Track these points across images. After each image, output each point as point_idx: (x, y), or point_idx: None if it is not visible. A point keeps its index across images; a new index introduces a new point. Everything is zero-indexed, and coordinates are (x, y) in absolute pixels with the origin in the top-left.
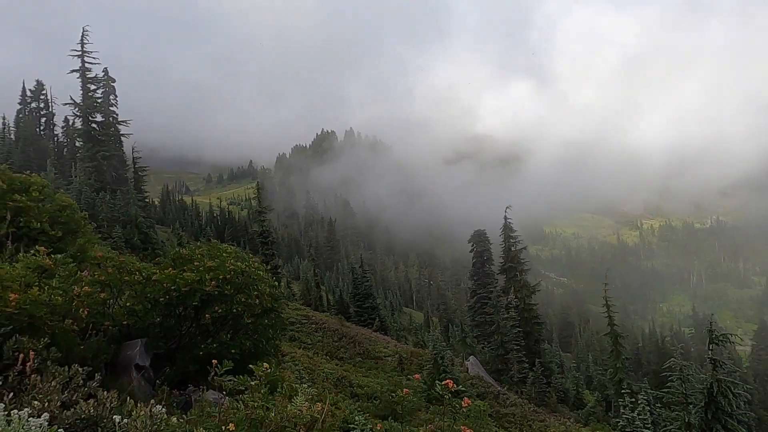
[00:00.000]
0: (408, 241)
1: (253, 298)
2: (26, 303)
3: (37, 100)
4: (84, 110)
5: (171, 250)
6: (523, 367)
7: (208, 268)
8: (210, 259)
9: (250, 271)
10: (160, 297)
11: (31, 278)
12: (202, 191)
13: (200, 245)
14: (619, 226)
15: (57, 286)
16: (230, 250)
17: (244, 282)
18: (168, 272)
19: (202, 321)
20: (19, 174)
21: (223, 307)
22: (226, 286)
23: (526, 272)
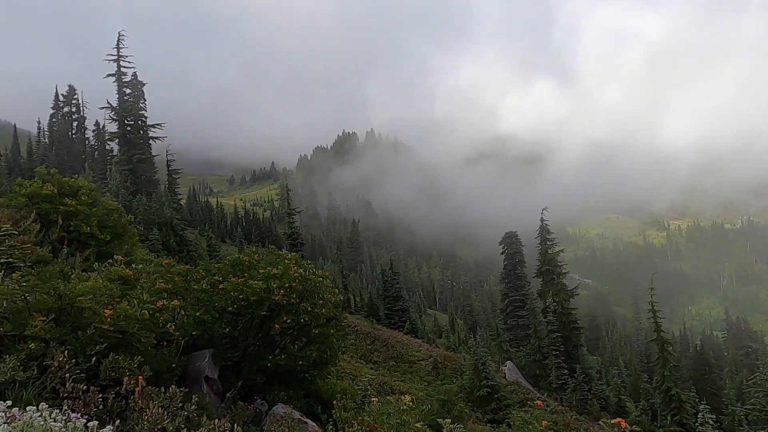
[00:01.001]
0: (430, 241)
1: (318, 307)
2: (120, 319)
3: (70, 104)
4: (120, 114)
5: (203, 251)
6: (562, 373)
7: (273, 276)
8: (271, 265)
9: (312, 278)
10: (228, 306)
11: (116, 291)
12: (225, 192)
13: (254, 251)
14: (646, 227)
15: (145, 300)
16: (290, 256)
17: (309, 290)
18: (234, 280)
19: (271, 331)
20: (67, 178)
21: (292, 317)
22: (292, 294)
23: (563, 275)
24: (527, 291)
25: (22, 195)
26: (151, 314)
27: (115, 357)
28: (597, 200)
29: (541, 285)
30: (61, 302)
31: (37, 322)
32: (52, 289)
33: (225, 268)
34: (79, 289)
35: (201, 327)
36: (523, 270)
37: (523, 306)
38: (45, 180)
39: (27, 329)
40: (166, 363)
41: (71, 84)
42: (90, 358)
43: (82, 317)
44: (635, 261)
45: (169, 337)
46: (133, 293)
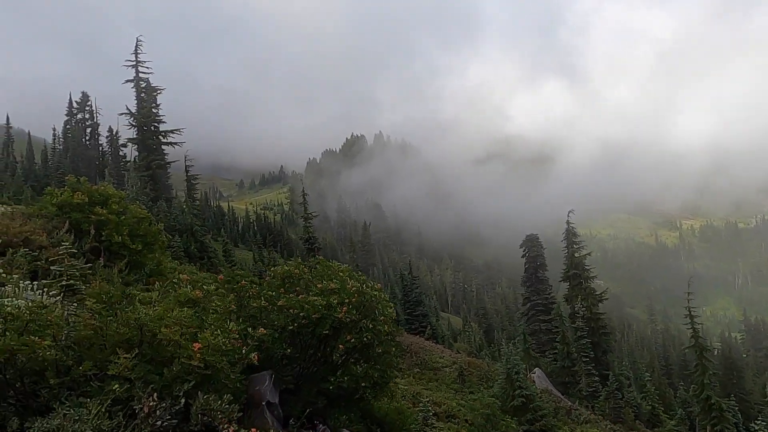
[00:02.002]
0: (439, 243)
1: (380, 323)
2: (209, 353)
3: (83, 111)
4: (139, 120)
5: (220, 256)
6: (593, 381)
7: (331, 291)
8: (323, 278)
9: (369, 292)
10: (288, 325)
11: (193, 317)
12: (235, 197)
13: (301, 262)
14: (657, 227)
15: (231, 328)
16: (343, 268)
17: (367, 305)
18: (292, 297)
19: (334, 352)
20: (96, 186)
21: (355, 335)
22: (353, 311)
23: (591, 279)
24: (550, 295)
25: (52, 204)
26: (232, 342)
27: (206, 398)
28: (607, 200)
29: (568, 289)
30: (141, 334)
31: (121, 360)
32: (133, 319)
33: (274, 281)
34: (158, 317)
35: (259, 348)
36: (544, 273)
37: (546, 310)
38: (75, 189)
39: (110, 368)
40: (232, 390)
41: (84, 90)
42: (178, 400)
43: (164, 351)
44: (647, 261)
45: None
46: (209, 318)
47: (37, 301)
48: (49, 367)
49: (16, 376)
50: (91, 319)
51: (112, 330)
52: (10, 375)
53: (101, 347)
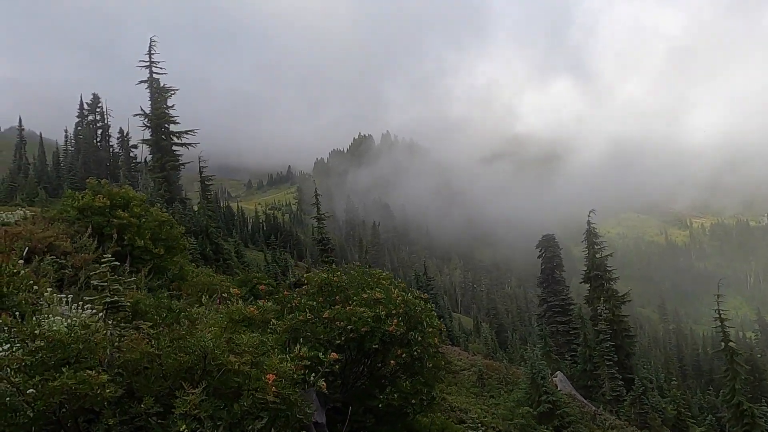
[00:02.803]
0: (447, 242)
1: (428, 336)
2: (283, 385)
3: (94, 112)
4: (153, 121)
5: (234, 258)
6: (617, 384)
7: (377, 301)
8: (362, 286)
9: (415, 302)
10: (335, 339)
11: (261, 343)
12: (243, 197)
13: (336, 268)
14: (667, 226)
15: (303, 354)
16: (384, 275)
17: (414, 316)
18: (338, 309)
19: (385, 368)
20: (117, 188)
21: (405, 349)
22: (401, 324)
23: (614, 280)
24: (567, 296)
25: (74, 208)
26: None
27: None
28: (617, 199)
29: (589, 291)
30: (205, 362)
31: (190, 397)
32: (196, 346)
33: (312, 290)
34: (223, 342)
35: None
36: (561, 274)
37: (563, 311)
38: (96, 191)
39: (176, 405)
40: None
41: (95, 92)
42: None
43: (231, 382)
44: (658, 260)
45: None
46: (270, 339)
47: (81, 322)
48: (107, 406)
49: (69, 416)
50: (144, 343)
51: (171, 357)
52: (62, 415)
53: (159, 377)
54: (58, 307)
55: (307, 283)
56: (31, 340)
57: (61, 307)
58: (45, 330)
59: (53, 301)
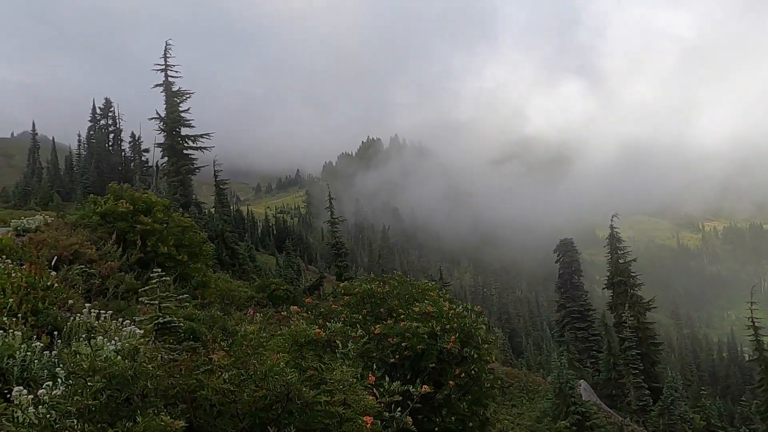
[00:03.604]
0: (456, 245)
1: (484, 353)
2: (378, 426)
3: (106, 116)
4: (168, 124)
5: (250, 263)
6: (643, 394)
7: (428, 315)
8: (404, 299)
9: (468, 316)
10: (389, 357)
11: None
12: (252, 201)
13: (376, 277)
14: (679, 229)
15: (387, 387)
16: (430, 285)
17: (467, 331)
18: (390, 324)
19: (444, 389)
20: (139, 193)
21: (463, 368)
22: (457, 340)
23: (638, 287)
24: (586, 301)
25: (96, 213)
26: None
27: None
28: (627, 202)
29: (612, 297)
30: (287, 400)
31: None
32: (278, 381)
33: (354, 300)
34: (307, 377)
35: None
36: (580, 279)
37: (582, 318)
38: (118, 196)
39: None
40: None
41: (107, 97)
42: None
43: (317, 422)
44: (669, 264)
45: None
46: (343, 367)
47: (131, 346)
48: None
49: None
50: (215, 377)
51: (247, 393)
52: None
53: (234, 417)
54: (92, 320)
55: (343, 293)
56: (88, 375)
57: (107, 327)
58: (101, 362)
59: (89, 315)
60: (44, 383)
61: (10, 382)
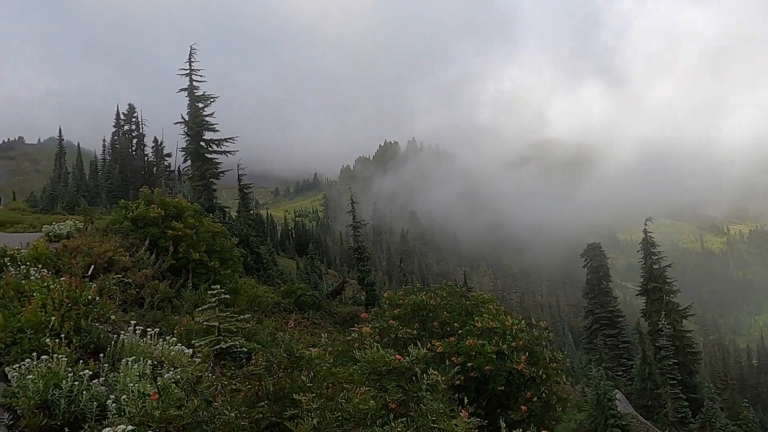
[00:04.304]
0: (474, 249)
1: (554, 373)
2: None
3: (130, 122)
4: (193, 128)
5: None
6: (681, 405)
7: (491, 331)
8: (457, 311)
9: (532, 332)
10: (455, 380)
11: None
12: (270, 204)
13: (418, 287)
14: (703, 232)
15: None
16: (486, 297)
17: (534, 349)
18: (452, 341)
19: (514, 415)
20: (169, 198)
21: (534, 391)
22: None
23: (674, 293)
24: (615, 307)
25: (127, 218)
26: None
27: None
28: (649, 204)
29: (646, 304)
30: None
31: None
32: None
33: (404, 312)
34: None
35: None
36: (608, 284)
37: (611, 324)
38: (149, 201)
39: None
40: None
41: (131, 103)
42: None
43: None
44: (693, 269)
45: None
46: (433, 403)
47: (191, 374)
48: None
49: None
50: (306, 425)
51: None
52: None
53: None
54: (137, 338)
55: (388, 303)
56: (153, 421)
57: (154, 346)
58: (174, 411)
59: (134, 332)
60: (94, 417)
61: (56, 417)
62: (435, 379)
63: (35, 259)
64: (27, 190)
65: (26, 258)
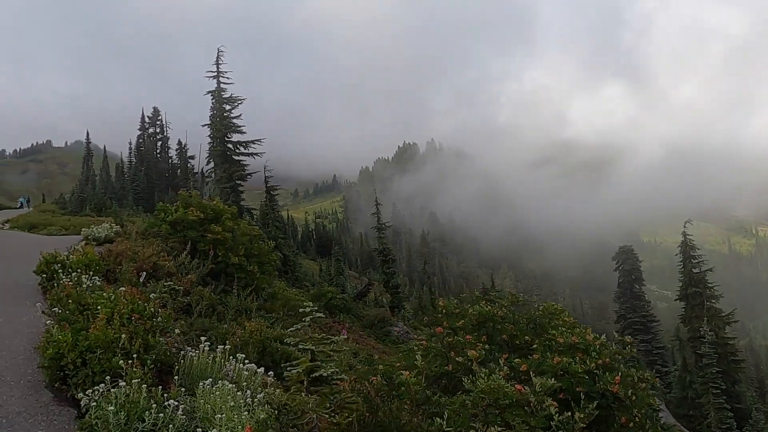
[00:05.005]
0: (494, 250)
1: (643, 394)
2: None
3: (154, 125)
4: (221, 130)
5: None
6: (726, 416)
7: (573, 347)
8: (524, 324)
9: (606, 343)
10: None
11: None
12: (290, 206)
13: (478, 295)
14: (730, 234)
15: None
16: (557, 307)
17: (617, 364)
18: (535, 360)
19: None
20: (206, 200)
21: (627, 415)
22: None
23: (716, 298)
24: (648, 312)
25: (166, 222)
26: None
27: None
28: (674, 206)
29: (685, 309)
30: None
31: None
32: None
33: (469, 324)
34: None
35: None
36: (641, 288)
37: (644, 329)
38: (187, 204)
39: None
40: None
41: (155, 106)
42: None
43: None
44: (720, 271)
45: None
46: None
47: (286, 402)
48: None
49: None
50: None
51: None
52: None
53: None
54: (206, 356)
55: (444, 314)
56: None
57: (227, 368)
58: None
59: (203, 349)
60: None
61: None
62: (567, 415)
63: (85, 266)
64: (55, 192)
65: (76, 264)
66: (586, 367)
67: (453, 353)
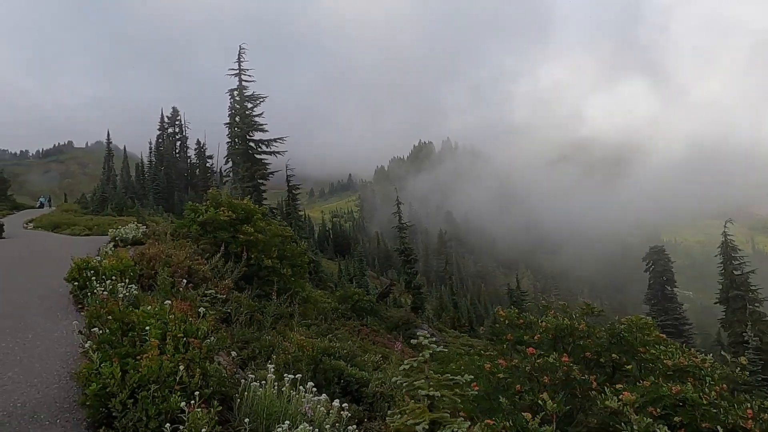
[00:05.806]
0: (511, 249)
1: (741, 419)
2: None
3: (173, 125)
4: (243, 129)
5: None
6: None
7: (682, 370)
8: (606, 341)
9: (717, 365)
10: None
11: None
12: (306, 205)
13: (546, 305)
14: (754, 233)
15: None
16: (646, 321)
17: (734, 391)
18: (645, 386)
19: None
20: (237, 200)
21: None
22: None
23: (761, 302)
24: (681, 314)
25: (196, 222)
26: None
27: None
28: (696, 204)
29: (725, 313)
30: None
31: None
32: None
33: (546, 339)
34: None
35: None
36: (673, 290)
37: (677, 333)
38: (218, 203)
39: None
40: None
41: (174, 106)
42: None
43: None
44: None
45: None
46: None
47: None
48: None
49: None
50: None
51: None
52: None
53: None
54: (272, 387)
55: (508, 325)
56: None
57: (303, 404)
58: None
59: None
60: None
61: None
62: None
63: (120, 272)
64: (77, 192)
65: (110, 270)
66: (709, 397)
67: (546, 378)
